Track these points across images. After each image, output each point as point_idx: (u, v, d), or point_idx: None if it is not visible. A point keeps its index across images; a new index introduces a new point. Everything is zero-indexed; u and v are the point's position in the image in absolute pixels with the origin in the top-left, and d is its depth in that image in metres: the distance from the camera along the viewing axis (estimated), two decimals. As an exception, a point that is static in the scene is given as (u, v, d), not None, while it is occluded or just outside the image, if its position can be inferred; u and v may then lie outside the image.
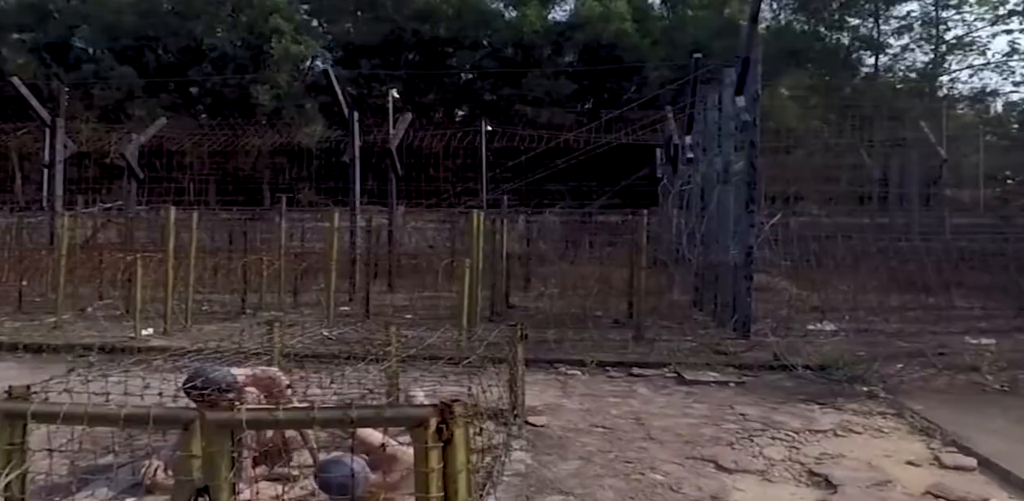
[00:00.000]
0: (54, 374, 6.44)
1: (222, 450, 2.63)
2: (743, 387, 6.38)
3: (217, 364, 3.70)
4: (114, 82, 29.81)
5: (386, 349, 4.63)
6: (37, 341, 7.95)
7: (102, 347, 7.63)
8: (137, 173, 15.45)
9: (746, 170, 8.73)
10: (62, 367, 7.14)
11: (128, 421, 2.70)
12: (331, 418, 2.63)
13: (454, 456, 2.67)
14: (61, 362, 7.38)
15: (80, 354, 7.56)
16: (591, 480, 3.98)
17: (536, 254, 17.27)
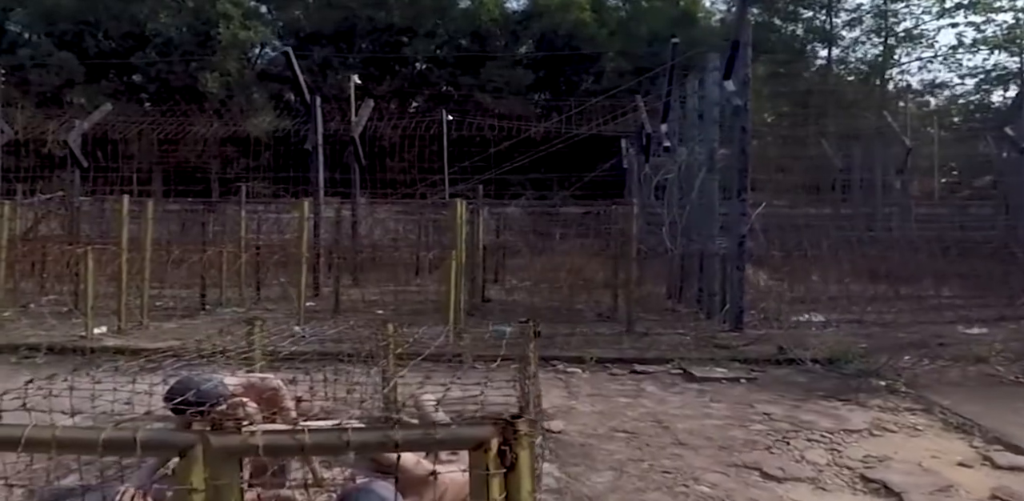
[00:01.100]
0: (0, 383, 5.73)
1: (231, 483, 2.10)
2: (755, 384, 6.05)
3: (203, 372, 3.13)
4: (53, 68, 28.17)
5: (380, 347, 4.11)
6: (-27, 344, 7.16)
7: (50, 347, 6.89)
8: (81, 161, 14.44)
9: (737, 156, 8.42)
10: (6, 370, 6.42)
11: (109, 447, 2.14)
12: (371, 442, 2.12)
13: (518, 484, 2.18)
14: (4, 364, 6.63)
15: (25, 355, 6.81)
16: (633, 495, 3.55)
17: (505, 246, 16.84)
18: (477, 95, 30.71)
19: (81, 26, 30.30)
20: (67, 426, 2.21)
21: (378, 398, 4.22)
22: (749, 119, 8.42)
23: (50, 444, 2.11)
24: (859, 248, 13.11)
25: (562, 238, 16.77)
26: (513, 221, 21.38)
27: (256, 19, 30.72)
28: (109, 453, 2.16)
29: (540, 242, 17.21)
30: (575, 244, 16.68)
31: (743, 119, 8.34)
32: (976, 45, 32.16)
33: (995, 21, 31.60)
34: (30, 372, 6.37)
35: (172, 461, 3.77)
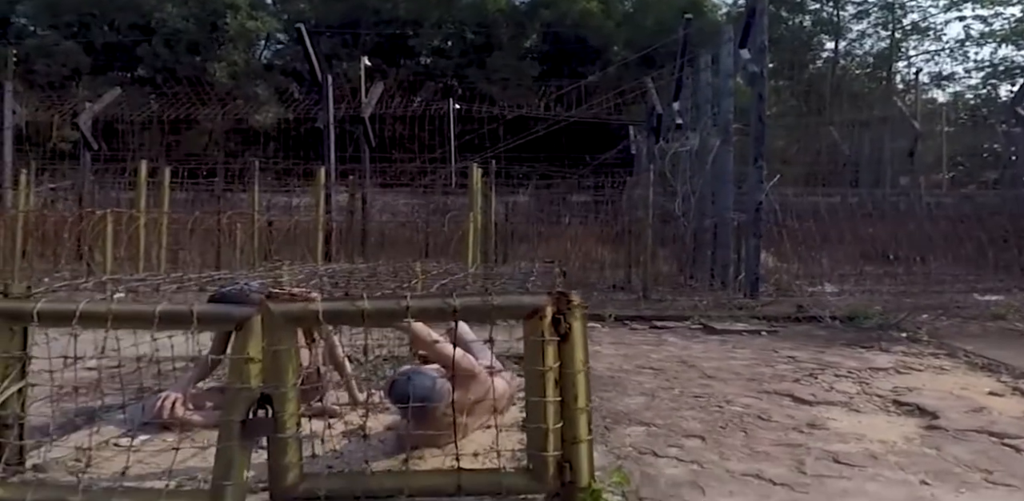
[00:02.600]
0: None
1: (289, 350, 2.12)
2: (776, 335, 6.06)
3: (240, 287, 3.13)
4: (58, 59, 28.19)
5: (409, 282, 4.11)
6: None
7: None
8: (91, 143, 14.47)
9: (754, 124, 8.42)
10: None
11: (166, 320, 2.17)
12: (430, 308, 2.14)
13: (572, 353, 2.21)
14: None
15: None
16: (668, 412, 3.56)
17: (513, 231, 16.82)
18: (483, 86, 30.68)
19: (87, 17, 30.33)
20: (122, 300, 2.23)
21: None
22: (765, 86, 8.42)
23: (106, 317, 2.14)
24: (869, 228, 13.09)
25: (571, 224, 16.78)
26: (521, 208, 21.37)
27: (262, 10, 30.72)
28: (165, 327, 2.19)
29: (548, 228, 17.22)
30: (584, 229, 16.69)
31: (759, 86, 8.34)
32: (984, 39, 32.13)
33: (1003, 15, 31.56)
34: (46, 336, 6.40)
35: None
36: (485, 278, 3.77)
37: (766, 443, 3.13)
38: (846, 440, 3.19)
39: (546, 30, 33.46)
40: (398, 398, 2.51)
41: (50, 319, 2.16)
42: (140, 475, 2.42)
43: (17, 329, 2.21)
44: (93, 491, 2.04)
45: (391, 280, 3.42)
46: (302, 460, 2.17)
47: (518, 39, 33.71)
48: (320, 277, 3.23)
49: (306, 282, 3.09)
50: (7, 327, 2.17)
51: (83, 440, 2.74)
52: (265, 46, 33.64)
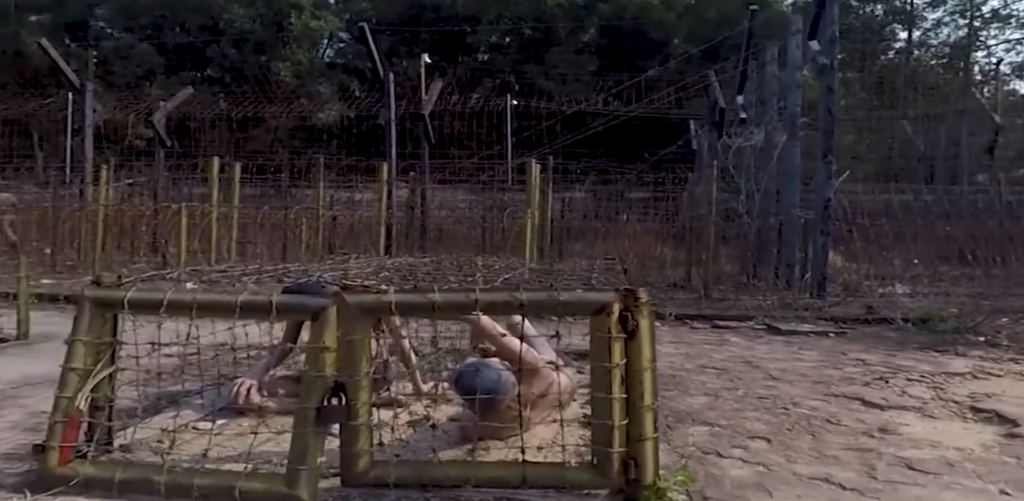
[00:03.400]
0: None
1: (363, 339, 2.18)
2: (844, 337, 5.90)
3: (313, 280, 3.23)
4: (134, 60, 29.42)
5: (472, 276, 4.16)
6: (77, 293, 7.54)
7: (147, 299, 7.21)
8: (165, 141, 15.04)
9: (823, 118, 8.19)
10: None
11: (247, 310, 2.25)
12: (497, 301, 2.17)
13: (639, 350, 2.20)
14: (105, 313, 6.98)
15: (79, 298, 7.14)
16: (732, 413, 3.51)
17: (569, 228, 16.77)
18: (541, 82, 30.65)
19: (160, 19, 31.52)
20: (206, 290, 2.33)
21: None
22: (835, 79, 8.17)
23: (191, 306, 2.23)
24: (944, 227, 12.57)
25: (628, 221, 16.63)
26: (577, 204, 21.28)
27: (326, 9, 31.39)
28: (246, 316, 2.27)
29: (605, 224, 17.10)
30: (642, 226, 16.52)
31: (829, 79, 8.10)
32: (1070, 26, 30.47)
33: (1091, -1, 29.86)
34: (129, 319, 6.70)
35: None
36: (546, 273, 3.79)
37: (835, 447, 3.06)
38: (920, 446, 3.09)
39: (605, 24, 33.17)
40: (464, 390, 2.55)
41: (139, 307, 2.28)
42: (219, 457, 2.52)
43: (108, 316, 2.33)
44: (176, 471, 2.14)
45: (455, 274, 3.47)
46: (372, 448, 2.23)
47: (576, 34, 33.54)
48: (388, 270, 3.31)
49: (375, 275, 3.17)
50: (99, 314, 2.29)
51: (165, 423, 2.87)
52: (328, 45, 34.38)
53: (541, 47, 32.07)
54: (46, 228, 11.98)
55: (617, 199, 18.87)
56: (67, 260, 11.03)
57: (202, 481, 2.07)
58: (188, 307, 2.23)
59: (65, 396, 2.21)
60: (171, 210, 8.49)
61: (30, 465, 2.42)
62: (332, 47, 34.78)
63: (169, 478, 2.07)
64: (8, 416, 3.17)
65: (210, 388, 3.39)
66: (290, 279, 3.13)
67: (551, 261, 10.81)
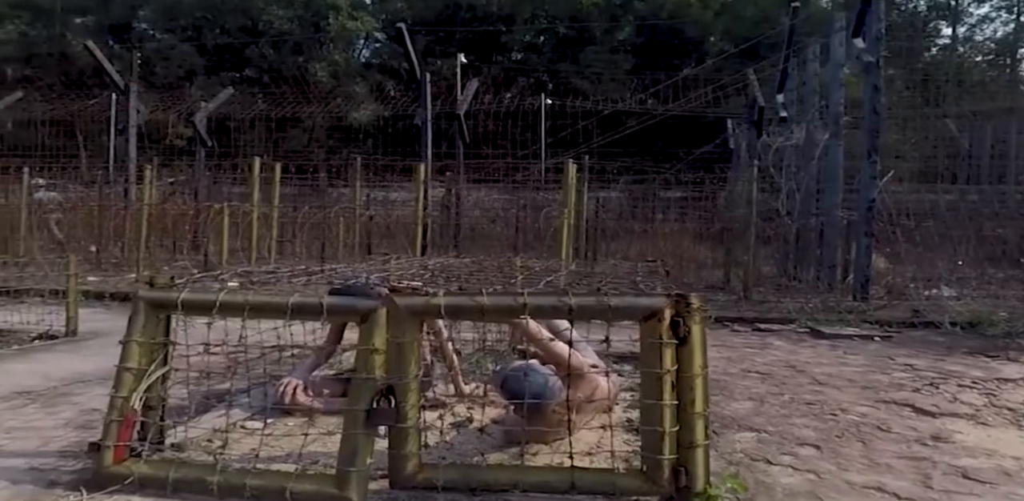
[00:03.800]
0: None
1: (412, 342, 2.18)
2: (890, 341, 5.76)
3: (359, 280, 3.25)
4: (175, 60, 30.01)
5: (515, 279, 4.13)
6: (123, 291, 7.72)
7: (190, 297, 7.34)
8: (206, 141, 15.30)
9: (868, 116, 8.01)
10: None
11: (298, 311, 2.27)
12: (545, 306, 2.15)
13: (691, 356, 2.16)
14: (149, 311, 7.12)
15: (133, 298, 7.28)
16: (779, 419, 3.45)
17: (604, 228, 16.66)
18: (575, 81, 30.55)
19: (201, 20, 32.09)
20: (258, 292, 2.35)
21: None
22: (880, 77, 7.98)
23: (243, 307, 2.25)
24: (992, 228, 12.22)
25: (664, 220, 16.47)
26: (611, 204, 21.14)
27: (363, 10, 31.67)
28: (296, 317, 2.28)
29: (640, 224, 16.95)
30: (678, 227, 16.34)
31: (874, 77, 7.91)
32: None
33: None
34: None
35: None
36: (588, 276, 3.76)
37: (887, 455, 2.98)
38: (975, 455, 3.00)
39: (641, 22, 32.92)
40: (511, 394, 2.53)
41: (193, 308, 2.31)
42: (268, 457, 2.55)
43: (162, 317, 2.36)
44: (228, 471, 2.17)
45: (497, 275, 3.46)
46: (421, 450, 2.23)
47: (612, 32, 33.36)
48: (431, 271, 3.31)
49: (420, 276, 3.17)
50: (154, 315, 2.32)
51: (214, 422, 2.91)
52: (364, 45, 34.68)
53: (576, 46, 31.95)
54: (91, 226, 12.28)
55: (652, 199, 18.71)
56: (111, 258, 11.28)
57: (254, 481, 2.09)
58: (240, 308, 2.25)
59: (120, 396, 2.25)
60: (213, 209, 8.63)
61: (85, 463, 2.47)
62: (368, 47, 35.08)
63: (222, 478, 2.10)
64: (61, 413, 3.24)
65: (255, 387, 3.43)
66: (339, 280, 3.13)
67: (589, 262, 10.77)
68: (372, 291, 3.03)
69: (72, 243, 12.77)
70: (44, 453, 2.63)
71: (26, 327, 5.43)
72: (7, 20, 31.62)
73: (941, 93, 27.42)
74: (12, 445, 2.74)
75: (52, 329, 5.40)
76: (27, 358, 4.64)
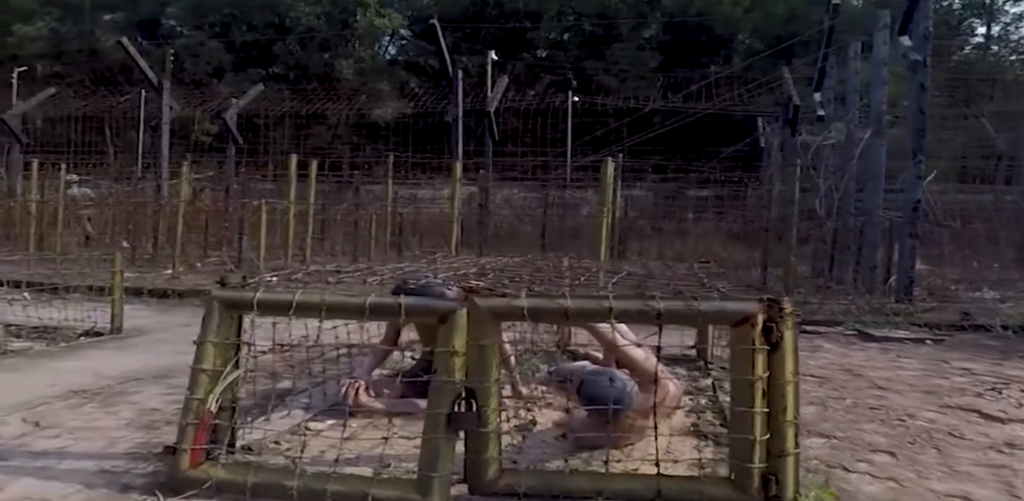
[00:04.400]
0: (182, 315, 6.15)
1: (493, 344, 2.13)
2: (943, 345, 5.63)
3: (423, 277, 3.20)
4: (204, 57, 30.24)
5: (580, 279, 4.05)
6: (161, 287, 7.77)
7: (228, 293, 7.36)
8: (236, 137, 15.39)
9: (913, 115, 7.84)
10: (191, 310, 6.92)
11: (375, 312, 2.22)
12: (631, 310, 2.08)
13: (783, 363, 2.09)
14: (188, 306, 7.16)
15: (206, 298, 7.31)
16: (846, 424, 3.36)
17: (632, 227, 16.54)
18: (602, 78, 30.36)
19: (228, 17, 32.29)
20: (334, 292, 2.31)
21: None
22: (928, 76, 7.81)
23: (319, 308, 2.21)
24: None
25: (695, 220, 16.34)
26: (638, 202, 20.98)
27: (390, 7, 31.70)
28: (375, 317, 2.24)
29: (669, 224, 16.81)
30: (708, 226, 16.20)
31: (921, 75, 7.74)
32: None
33: None
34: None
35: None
36: (650, 277, 3.68)
37: (965, 462, 2.88)
38: (1056, 464, 2.90)
39: (668, 20, 32.67)
40: (591, 398, 2.47)
41: (268, 308, 2.27)
42: (338, 460, 2.50)
43: (235, 317, 2.33)
44: (308, 476, 2.13)
45: (559, 276, 3.39)
46: (501, 455, 2.18)
47: (639, 29, 33.13)
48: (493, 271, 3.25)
49: (484, 276, 3.12)
50: (228, 315, 2.29)
51: (278, 423, 2.88)
52: (390, 42, 34.73)
53: (602, 43, 31.76)
54: (124, 223, 12.40)
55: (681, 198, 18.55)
56: (144, 254, 11.37)
57: (334, 487, 2.05)
58: (317, 308, 2.21)
59: (196, 397, 2.21)
60: (252, 206, 8.66)
61: (156, 465, 2.44)
62: (394, 44, 35.14)
63: (301, 483, 2.06)
64: (121, 413, 3.23)
65: (312, 386, 3.40)
66: (408, 280, 3.07)
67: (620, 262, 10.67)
68: (439, 291, 2.98)
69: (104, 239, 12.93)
70: (112, 455, 2.61)
71: (70, 324, 5.45)
72: (37, 17, 32.03)
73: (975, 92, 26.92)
74: (77, 446, 2.72)
75: (97, 326, 5.42)
76: (76, 355, 4.66)
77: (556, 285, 3.33)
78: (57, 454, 2.62)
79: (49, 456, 2.60)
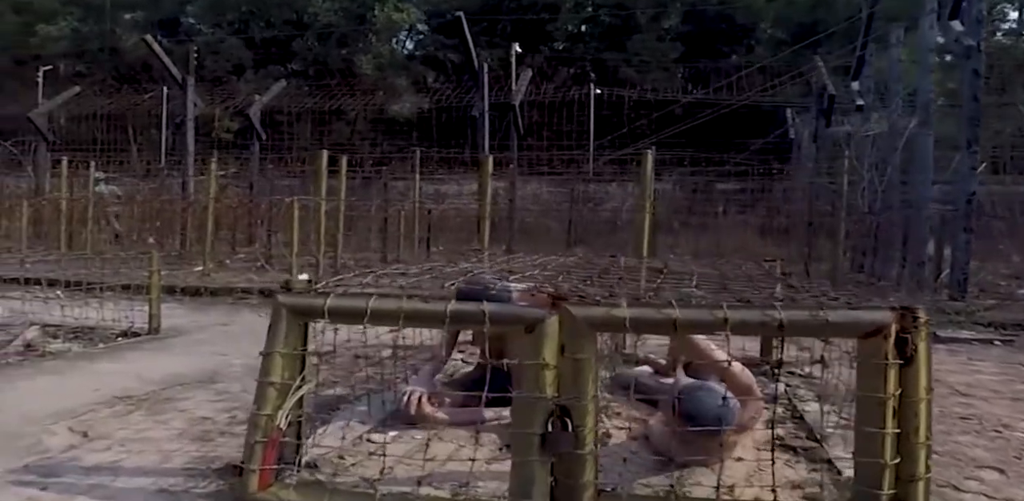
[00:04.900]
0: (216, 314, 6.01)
1: (591, 358, 1.93)
2: (1013, 346, 5.36)
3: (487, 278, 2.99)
4: (224, 55, 30.23)
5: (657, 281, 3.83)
6: (193, 285, 7.65)
7: (261, 291, 7.24)
8: (260, 133, 15.30)
9: (967, 103, 7.54)
10: (225, 309, 6.80)
11: (456, 320, 2.03)
12: (750, 320, 1.87)
13: (916, 378, 1.86)
14: (222, 304, 7.04)
15: (240, 297, 7.19)
16: (940, 436, 3.10)
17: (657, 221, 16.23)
18: (622, 70, 30.00)
19: (247, 14, 32.26)
20: (412, 299, 2.11)
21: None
22: (981, 62, 7.49)
23: (396, 315, 2.02)
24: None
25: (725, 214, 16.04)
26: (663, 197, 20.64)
27: (407, 1, 31.49)
28: (455, 326, 2.06)
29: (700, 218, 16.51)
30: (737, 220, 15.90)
31: (975, 61, 7.43)
32: None
33: None
34: (249, 310, 6.72)
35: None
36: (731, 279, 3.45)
37: (1081, 480, 2.65)
38: None
39: (689, 9, 32.18)
40: (695, 414, 2.25)
41: (340, 315, 2.08)
42: (407, 477, 2.32)
43: (302, 325, 2.15)
44: (388, 498, 1.95)
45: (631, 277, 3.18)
46: (598, 478, 1.98)
47: (658, 20, 32.68)
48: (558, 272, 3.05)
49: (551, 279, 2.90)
50: (296, 323, 2.11)
51: (338, 435, 2.71)
52: (408, 37, 34.55)
53: (622, 34, 31.36)
54: (153, 220, 12.34)
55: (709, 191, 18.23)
56: (171, 251, 11.30)
57: (420, 513, 1.86)
58: (394, 316, 2.02)
59: (264, 413, 2.04)
60: (284, 203, 8.53)
61: (216, 484, 2.27)
62: (411, 39, 34.95)
63: (384, 508, 1.88)
64: (171, 422, 3.07)
65: (366, 393, 3.22)
66: (475, 283, 2.86)
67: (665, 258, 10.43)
68: (506, 296, 2.77)
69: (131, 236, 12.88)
70: (168, 471, 2.44)
71: (107, 324, 5.33)
72: (59, 17, 32.16)
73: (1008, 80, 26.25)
74: (131, 460, 2.56)
75: (135, 326, 5.29)
76: (115, 357, 4.52)
77: (634, 289, 3.11)
78: (110, 470, 2.47)
79: (102, 472, 2.44)
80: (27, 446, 2.71)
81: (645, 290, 2.86)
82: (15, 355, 4.55)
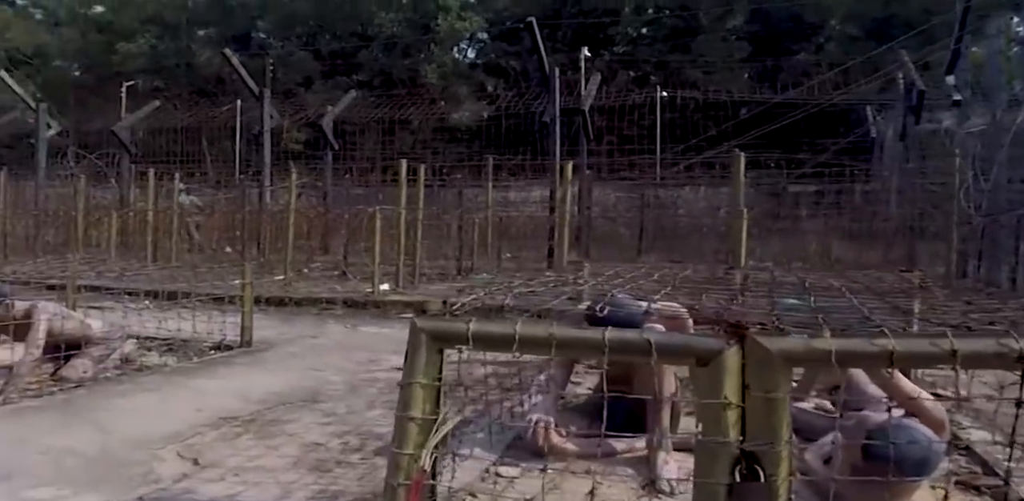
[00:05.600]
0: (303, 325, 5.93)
1: (785, 398, 1.67)
2: None
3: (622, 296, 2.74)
4: (294, 67, 30.96)
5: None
6: (277, 295, 7.65)
7: (345, 301, 7.19)
8: (333, 143, 15.47)
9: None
10: (311, 320, 6.75)
11: (617, 349, 1.80)
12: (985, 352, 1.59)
13: None
14: (306, 315, 7.01)
15: (324, 307, 7.14)
16: None
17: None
18: (687, 72, 29.41)
19: (315, 28, 33.01)
20: (562, 326, 1.90)
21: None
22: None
23: (548, 343, 1.81)
24: None
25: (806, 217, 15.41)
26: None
27: (471, 10, 31.68)
28: (616, 355, 1.83)
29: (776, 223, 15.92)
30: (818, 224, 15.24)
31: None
32: None
33: None
34: (334, 321, 6.66)
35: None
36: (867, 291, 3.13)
37: None
38: None
39: (755, 7, 31.37)
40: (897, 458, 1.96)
41: (485, 342, 1.88)
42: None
43: (440, 351, 1.95)
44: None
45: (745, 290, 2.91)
46: (787, 535, 1.72)
47: (723, 20, 31.97)
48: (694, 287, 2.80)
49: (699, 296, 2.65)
50: (435, 350, 1.92)
51: (464, 466, 2.51)
52: (469, 45, 34.74)
53: (685, 36, 30.80)
54: (231, 230, 12.55)
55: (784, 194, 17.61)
56: (250, 260, 11.44)
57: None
58: (545, 344, 1.80)
59: (405, 452, 1.85)
60: (367, 213, 8.50)
61: (348, 521, 2.11)
62: (473, 47, 35.15)
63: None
64: (282, 448, 2.93)
65: (480, 418, 3.02)
66: (609, 305, 2.54)
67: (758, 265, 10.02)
68: (640, 319, 2.52)
69: (210, 246, 13.15)
70: (292, 507, 2.29)
71: (198, 337, 5.30)
72: (138, 34, 33.51)
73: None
74: (249, 494, 2.42)
75: (227, 339, 5.26)
76: (211, 373, 4.46)
77: (739, 302, 2.81)
78: (229, 504, 2.33)
79: (221, 506, 2.31)
80: (139, 475, 2.60)
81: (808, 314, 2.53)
82: (113, 369, 4.54)
